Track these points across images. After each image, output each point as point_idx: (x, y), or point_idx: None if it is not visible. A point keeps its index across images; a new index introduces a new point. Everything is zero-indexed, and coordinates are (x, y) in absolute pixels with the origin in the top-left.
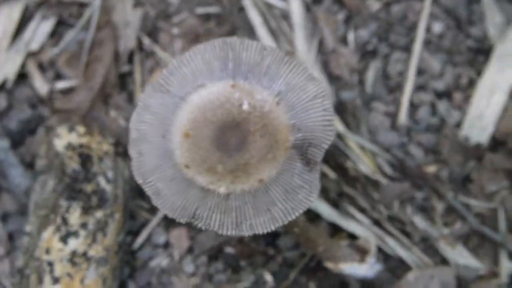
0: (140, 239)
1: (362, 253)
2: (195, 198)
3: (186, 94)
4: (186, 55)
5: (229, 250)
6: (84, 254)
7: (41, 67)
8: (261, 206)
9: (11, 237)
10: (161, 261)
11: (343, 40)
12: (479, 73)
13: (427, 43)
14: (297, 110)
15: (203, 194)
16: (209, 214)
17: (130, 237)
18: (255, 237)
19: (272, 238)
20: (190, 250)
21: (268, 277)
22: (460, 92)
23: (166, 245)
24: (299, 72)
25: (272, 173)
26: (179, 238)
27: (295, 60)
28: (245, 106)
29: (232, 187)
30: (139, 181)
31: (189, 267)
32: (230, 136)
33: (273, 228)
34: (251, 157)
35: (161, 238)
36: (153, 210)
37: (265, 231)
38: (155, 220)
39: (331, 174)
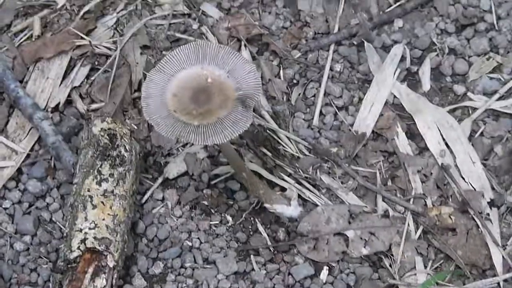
0: (145, 197)
1: (288, 199)
2: (180, 127)
3: (174, 73)
4: (174, 51)
5: (203, 201)
6: (112, 191)
7: (81, 96)
8: (218, 130)
9: (62, 197)
10: (159, 209)
11: (277, 76)
12: (365, 94)
13: (331, 77)
14: (239, 79)
15: (184, 125)
16: (188, 135)
17: (139, 196)
18: (220, 193)
19: (231, 193)
20: (178, 202)
21: (229, 218)
22: (353, 106)
23: (163, 199)
24: (240, 59)
25: (225, 113)
26: (171, 195)
27: (237, 52)
28: (209, 80)
29: (201, 122)
30: (147, 118)
31: (178, 212)
32: (201, 95)
33: (225, 140)
34: (213, 106)
35: (159, 195)
36: (154, 179)
37: (221, 142)
38: (155, 185)
39: (269, 154)
